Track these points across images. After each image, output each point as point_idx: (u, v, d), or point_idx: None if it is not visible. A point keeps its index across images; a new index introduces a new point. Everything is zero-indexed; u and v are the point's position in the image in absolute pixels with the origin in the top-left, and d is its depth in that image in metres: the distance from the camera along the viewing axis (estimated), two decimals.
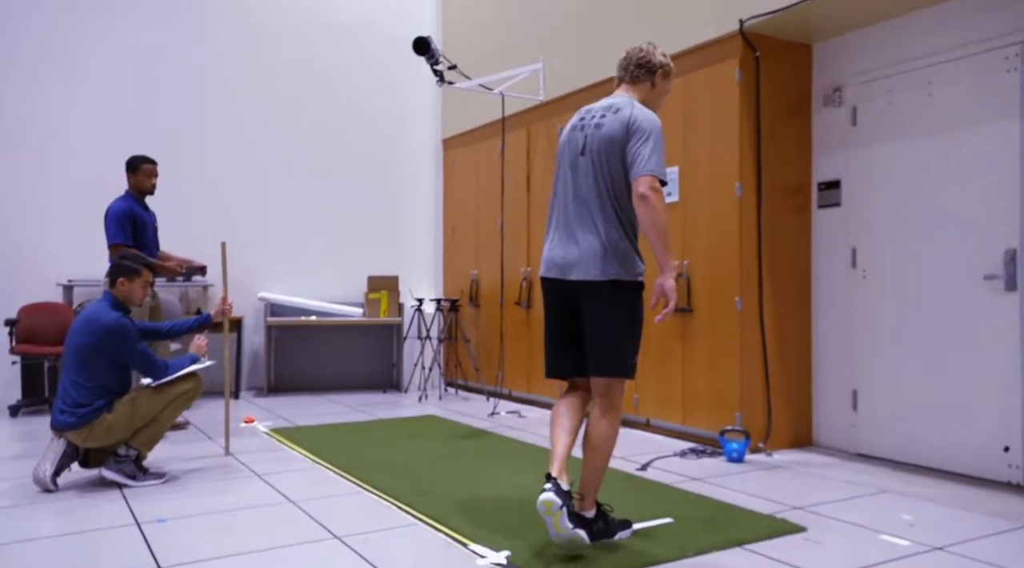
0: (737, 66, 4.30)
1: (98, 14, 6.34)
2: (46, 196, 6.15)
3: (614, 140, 2.65)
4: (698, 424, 4.50)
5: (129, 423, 3.49)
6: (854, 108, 4.27)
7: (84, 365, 3.44)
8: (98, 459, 3.57)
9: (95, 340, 3.44)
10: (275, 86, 7.00)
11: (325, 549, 2.65)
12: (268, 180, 6.97)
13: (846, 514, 3.07)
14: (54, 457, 3.40)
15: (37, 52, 6.15)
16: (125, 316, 3.56)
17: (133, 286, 3.64)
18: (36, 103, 6.13)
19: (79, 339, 3.47)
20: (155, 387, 3.57)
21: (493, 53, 6.58)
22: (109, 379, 3.48)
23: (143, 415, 3.52)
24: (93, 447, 3.52)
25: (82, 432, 3.42)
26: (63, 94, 6.22)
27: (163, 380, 3.57)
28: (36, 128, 6.12)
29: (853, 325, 4.25)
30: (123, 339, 3.47)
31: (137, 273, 3.64)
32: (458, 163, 7.24)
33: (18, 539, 2.75)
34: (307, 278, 7.05)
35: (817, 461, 4.07)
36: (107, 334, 3.45)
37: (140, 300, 3.71)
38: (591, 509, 2.65)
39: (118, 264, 3.72)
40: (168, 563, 2.51)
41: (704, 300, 4.49)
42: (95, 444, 3.49)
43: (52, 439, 3.46)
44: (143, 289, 3.69)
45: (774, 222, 4.39)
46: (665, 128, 4.70)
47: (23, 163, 6.08)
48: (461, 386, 7.03)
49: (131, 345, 3.49)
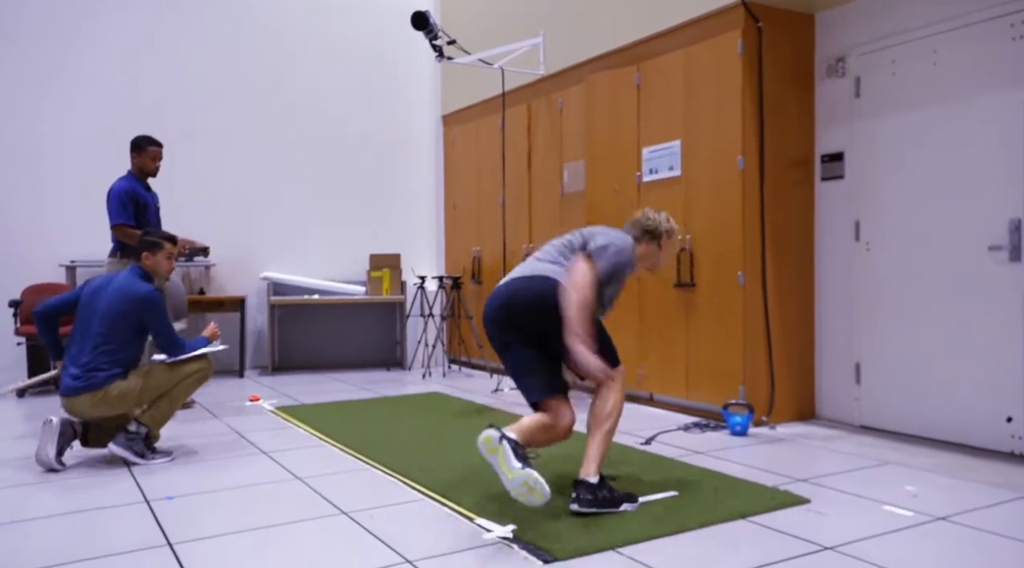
0: (739, 37, 4.25)
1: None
2: (47, 177, 6.13)
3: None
4: (701, 398, 4.51)
5: (140, 394, 3.54)
6: (857, 78, 4.22)
7: (109, 332, 3.51)
8: (97, 438, 3.59)
9: (127, 307, 3.52)
10: (274, 64, 6.94)
11: (333, 525, 2.68)
12: (268, 160, 6.93)
13: (849, 485, 3.08)
14: (53, 438, 3.41)
15: (37, 32, 6.09)
16: (155, 288, 3.65)
17: (157, 259, 3.73)
18: (36, 84, 6.09)
19: (108, 307, 3.53)
20: (168, 363, 3.63)
21: (492, 27, 6.51)
22: (128, 349, 3.57)
23: (154, 388, 3.57)
24: (97, 417, 3.54)
25: (96, 395, 3.44)
26: (63, 75, 6.17)
27: (177, 358, 3.63)
28: (37, 110, 6.09)
29: (856, 298, 4.24)
30: (155, 310, 3.56)
31: (159, 246, 3.74)
32: (458, 139, 7.20)
33: (28, 517, 2.78)
34: (309, 257, 7.05)
35: (820, 434, 4.09)
36: (140, 303, 3.54)
37: (166, 272, 3.80)
38: (595, 476, 2.71)
39: (141, 239, 3.78)
40: (178, 539, 2.53)
41: (706, 274, 4.48)
42: (103, 412, 3.51)
43: (44, 423, 3.44)
44: (168, 261, 3.78)
45: (777, 195, 4.36)
46: (666, 101, 4.69)
47: (24, 145, 6.06)
48: (464, 363, 7.05)
49: (162, 317, 3.59)
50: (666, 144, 4.74)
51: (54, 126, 6.15)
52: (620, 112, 5.07)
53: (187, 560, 2.35)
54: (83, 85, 6.24)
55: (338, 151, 7.23)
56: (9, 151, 6.02)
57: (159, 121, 6.27)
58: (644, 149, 4.90)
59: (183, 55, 6.60)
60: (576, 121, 5.57)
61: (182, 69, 6.60)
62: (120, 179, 4.70)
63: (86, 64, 6.25)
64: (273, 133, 6.95)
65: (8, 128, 6.01)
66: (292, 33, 7.01)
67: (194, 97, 6.64)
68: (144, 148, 4.74)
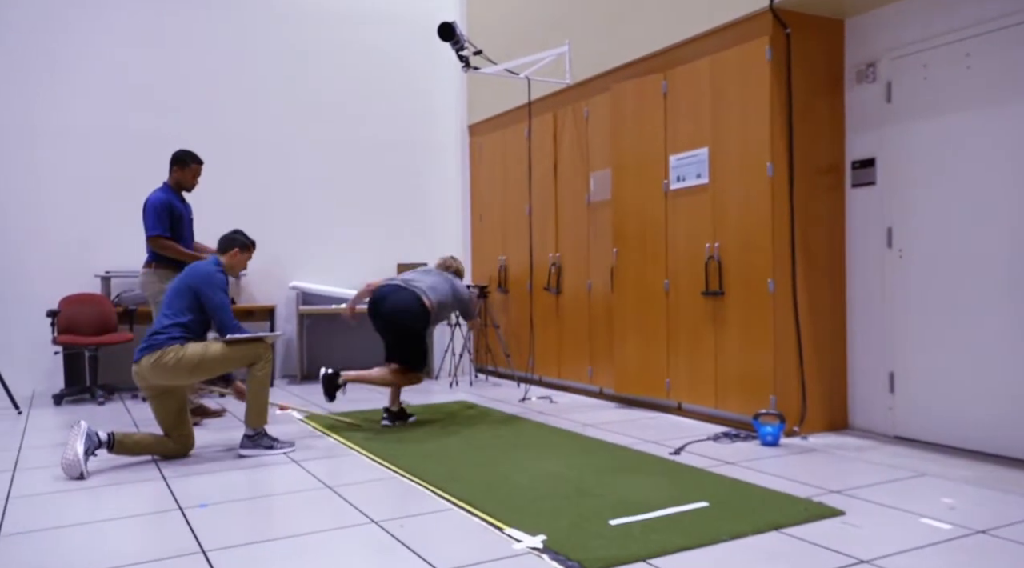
0: (767, 44, 4.23)
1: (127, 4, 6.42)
2: (84, 190, 6.27)
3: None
4: (731, 408, 4.47)
5: (195, 364, 3.69)
6: (889, 84, 4.17)
7: (174, 301, 3.83)
8: (124, 446, 3.65)
9: (191, 280, 3.86)
10: (300, 74, 7.04)
11: (364, 534, 2.69)
12: (297, 170, 7.02)
13: (885, 497, 3.03)
14: (80, 439, 3.46)
15: (75, 49, 6.25)
16: (224, 273, 3.97)
17: (242, 257, 4.09)
18: (74, 103, 6.23)
19: (178, 281, 3.90)
20: (226, 341, 3.79)
21: (518, 37, 6.54)
22: (191, 320, 3.80)
23: (210, 362, 3.73)
24: (157, 386, 3.70)
25: (153, 355, 3.65)
26: (100, 90, 6.32)
27: (231, 337, 3.78)
28: (75, 128, 6.23)
29: (889, 306, 4.18)
30: (214, 284, 3.85)
31: (250, 248, 4.14)
32: (484, 149, 7.23)
33: (63, 524, 2.83)
34: (337, 267, 7.11)
35: (853, 444, 4.03)
36: (203, 276, 3.86)
37: (239, 271, 4.14)
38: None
39: (233, 236, 4.09)
40: (211, 547, 2.56)
41: (735, 283, 4.45)
42: (160, 378, 3.67)
43: (72, 426, 3.55)
44: (244, 266, 4.14)
45: (806, 202, 4.32)
46: (693, 109, 4.68)
47: (62, 160, 6.20)
48: (491, 372, 7.05)
49: (219, 293, 3.85)
50: (693, 152, 4.72)
51: (91, 141, 6.29)
52: (647, 120, 5.06)
53: None
54: (118, 102, 6.38)
55: (365, 161, 7.30)
56: (48, 166, 6.16)
57: (188, 134, 6.39)
58: (671, 157, 4.88)
59: (212, 68, 6.72)
60: (602, 130, 5.57)
61: (212, 82, 6.71)
62: (156, 191, 4.78)
63: (115, 82, 6.39)
64: (301, 144, 7.03)
65: (47, 144, 6.16)
66: (319, 43, 7.11)
67: (223, 109, 6.75)
68: (188, 164, 4.85)
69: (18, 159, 6.08)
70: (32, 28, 6.13)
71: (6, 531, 2.76)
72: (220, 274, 3.94)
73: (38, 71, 6.14)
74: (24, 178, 6.09)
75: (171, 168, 4.86)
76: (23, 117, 6.08)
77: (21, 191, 6.08)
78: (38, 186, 6.13)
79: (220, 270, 3.97)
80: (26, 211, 6.09)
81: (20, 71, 6.09)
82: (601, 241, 5.58)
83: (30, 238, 6.09)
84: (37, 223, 6.11)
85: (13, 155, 6.06)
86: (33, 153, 6.12)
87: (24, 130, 6.09)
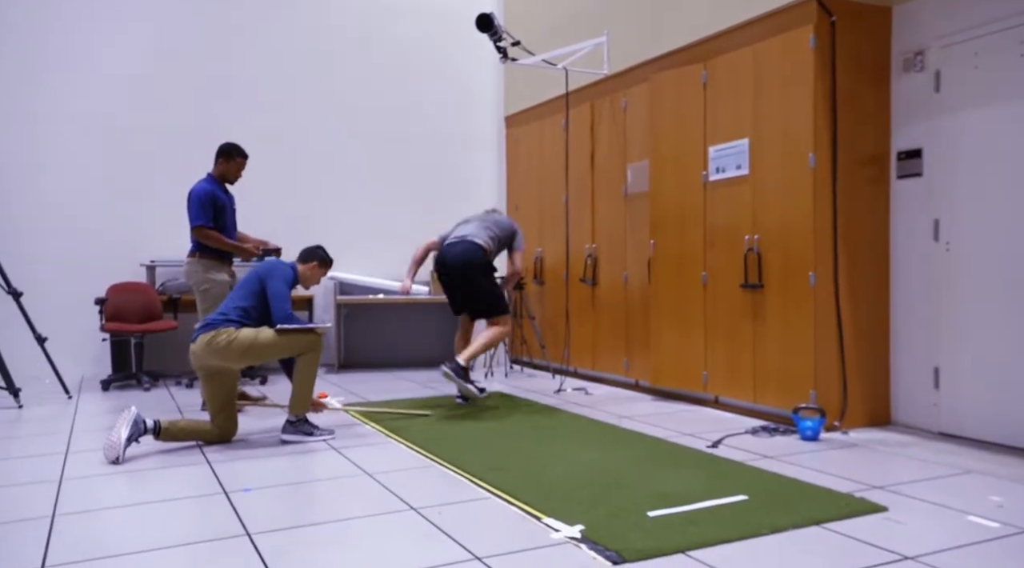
0: (811, 32, 4.15)
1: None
2: (130, 181, 6.41)
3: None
4: (769, 402, 4.42)
5: (246, 349, 3.80)
6: (937, 73, 4.07)
7: (241, 287, 3.98)
8: (169, 433, 3.75)
9: (260, 269, 4.01)
10: (338, 66, 7.10)
11: (403, 520, 2.73)
12: (335, 162, 7.10)
13: (929, 494, 2.98)
14: (126, 423, 3.57)
15: (118, 43, 6.39)
16: (295, 276, 4.13)
17: (318, 272, 4.25)
18: (123, 92, 6.38)
19: (250, 271, 4.04)
20: (277, 330, 3.88)
21: (556, 27, 6.52)
22: (252, 306, 3.93)
23: (260, 347, 3.83)
24: (210, 366, 3.80)
25: (207, 335, 3.78)
26: (136, 87, 6.46)
27: (283, 327, 3.88)
28: (122, 123, 6.38)
29: (935, 300, 4.09)
30: (279, 275, 3.97)
31: (328, 265, 4.31)
32: (521, 140, 7.23)
33: (110, 505, 2.92)
34: (375, 257, 7.18)
35: (896, 440, 3.96)
36: (272, 267, 4.02)
37: (311, 285, 4.27)
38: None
39: (315, 250, 4.27)
40: (256, 530, 2.62)
41: (775, 275, 4.39)
42: (213, 359, 3.78)
43: (122, 411, 3.66)
44: (318, 280, 4.30)
45: (850, 193, 4.24)
46: (734, 99, 4.62)
47: (109, 153, 6.35)
48: (527, 363, 7.07)
49: (280, 281, 3.96)
50: (733, 142, 4.66)
51: (139, 133, 6.43)
52: (686, 111, 5.01)
53: (265, 551, 2.43)
54: (162, 95, 6.50)
55: (402, 152, 7.35)
56: (96, 159, 6.32)
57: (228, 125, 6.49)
58: (710, 148, 4.83)
59: (254, 57, 6.81)
60: (640, 120, 5.53)
61: (251, 72, 6.81)
62: (201, 182, 4.86)
63: (165, 75, 6.52)
64: (339, 136, 7.11)
65: (95, 136, 6.31)
66: (358, 36, 7.16)
67: (265, 102, 6.85)
68: (233, 157, 4.92)
69: (66, 156, 6.25)
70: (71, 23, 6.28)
71: (60, 510, 2.86)
72: (291, 272, 4.09)
73: (82, 69, 6.29)
74: (72, 173, 6.26)
75: (216, 160, 4.93)
76: (69, 115, 6.24)
77: (70, 186, 6.25)
78: (86, 180, 6.29)
79: (293, 271, 4.12)
80: (75, 204, 6.25)
81: (62, 69, 6.24)
82: (638, 232, 5.55)
83: (79, 229, 6.26)
84: (86, 215, 6.28)
85: (61, 153, 6.23)
86: (80, 150, 6.28)
87: (72, 128, 6.25)
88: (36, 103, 6.15)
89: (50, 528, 2.67)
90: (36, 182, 6.16)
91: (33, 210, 6.14)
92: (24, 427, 4.43)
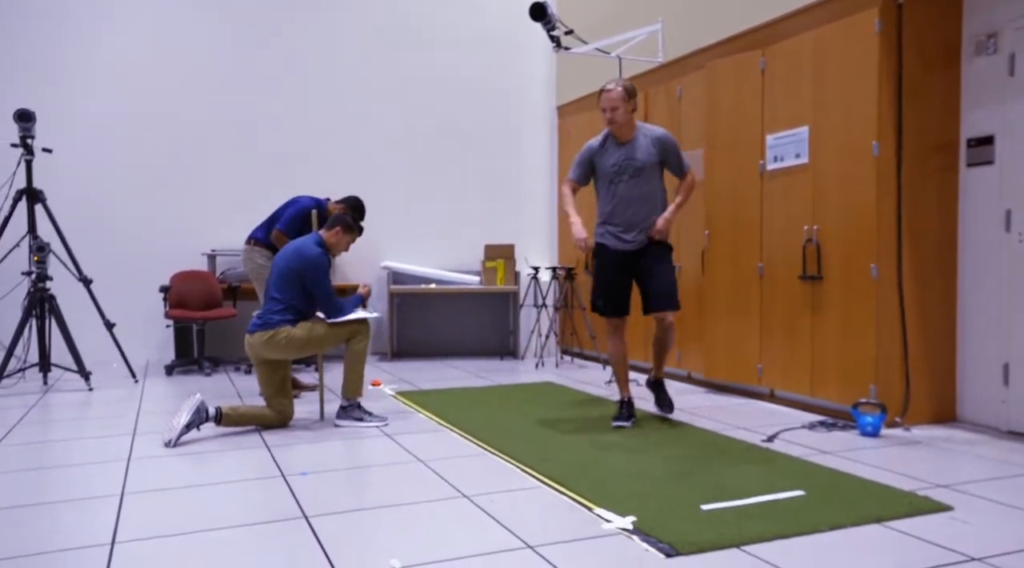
0: (877, 15, 4.01)
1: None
2: (192, 176, 6.61)
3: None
4: (827, 396, 4.31)
5: (303, 343, 3.97)
6: (1011, 55, 3.89)
7: (283, 285, 4.01)
8: (230, 419, 3.87)
9: (297, 266, 3.99)
10: (391, 57, 7.16)
11: (455, 507, 2.76)
12: (388, 153, 7.17)
13: (997, 494, 2.87)
14: (189, 410, 3.71)
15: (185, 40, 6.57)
16: (325, 254, 4.08)
17: (345, 239, 4.18)
18: (179, 95, 6.57)
19: (284, 264, 4.04)
20: (329, 324, 4.03)
21: (610, 15, 6.44)
22: (299, 302, 4.01)
23: (316, 340, 3.99)
24: (266, 358, 3.96)
25: (266, 334, 3.93)
26: (198, 83, 6.63)
27: (334, 321, 4.03)
28: (183, 117, 6.57)
29: (1007, 294, 3.92)
30: (317, 271, 4.00)
31: (356, 232, 4.25)
32: (573, 130, 7.18)
33: (172, 486, 3.02)
34: (427, 247, 7.25)
35: (961, 437, 3.82)
36: (307, 263, 3.99)
37: (339, 252, 4.22)
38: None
39: (343, 216, 4.20)
40: (313, 513, 2.68)
41: (836, 267, 4.27)
42: (270, 352, 3.94)
43: (189, 396, 3.80)
44: (346, 247, 4.24)
45: (915, 183, 4.10)
46: (793, 86, 4.50)
47: (173, 144, 6.55)
48: (577, 354, 7.05)
49: (322, 279, 4.01)
50: (792, 131, 4.54)
51: (200, 127, 6.61)
52: (743, 99, 4.90)
53: (322, 533, 2.49)
54: (222, 91, 6.67)
55: (454, 143, 7.38)
56: (159, 155, 6.53)
57: (283, 121, 6.62)
58: (768, 136, 4.72)
59: (304, 54, 6.92)
60: (695, 109, 5.44)
61: (302, 68, 6.92)
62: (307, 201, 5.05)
63: (218, 76, 6.68)
64: (392, 128, 7.17)
65: (158, 130, 6.52)
66: (410, 26, 7.21)
67: (313, 94, 6.95)
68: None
69: (131, 150, 6.46)
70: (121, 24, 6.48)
71: (128, 489, 2.98)
72: (323, 257, 4.03)
73: (140, 70, 6.49)
74: (138, 166, 6.47)
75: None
76: (130, 116, 6.45)
77: (136, 178, 6.47)
78: (151, 173, 6.50)
79: (323, 252, 4.06)
80: (141, 196, 6.47)
81: (121, 71, 6.45)
82: (692, 222, 5.46)
83: (144, 220, 6.48)
84: (150, 206, 6.50)
85: (126, 147, 6.45)
86: (144, 144, 6.48)
87: (135, 121, 6.46)
88: (94, 105, 6.37)
89: (119, 505, 2.78)
90: (104, 180, 6.39)
91: (103, 205, 6.38)
92: (94, 409, 4.63)
